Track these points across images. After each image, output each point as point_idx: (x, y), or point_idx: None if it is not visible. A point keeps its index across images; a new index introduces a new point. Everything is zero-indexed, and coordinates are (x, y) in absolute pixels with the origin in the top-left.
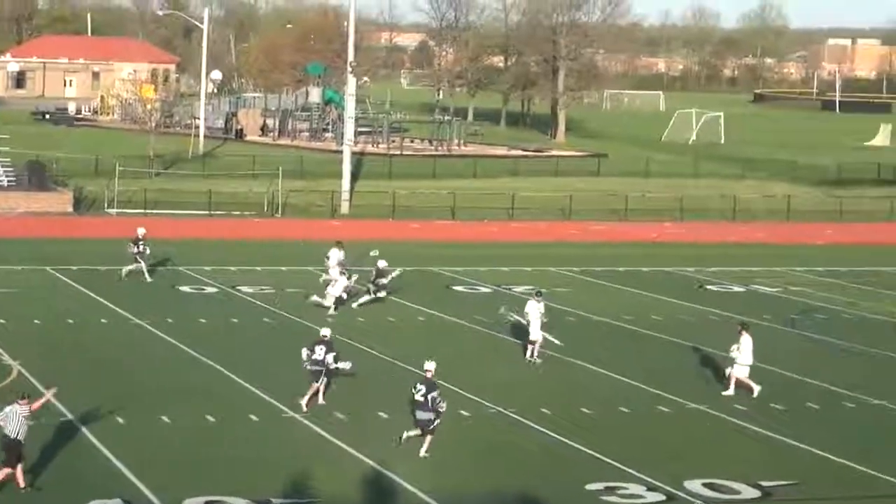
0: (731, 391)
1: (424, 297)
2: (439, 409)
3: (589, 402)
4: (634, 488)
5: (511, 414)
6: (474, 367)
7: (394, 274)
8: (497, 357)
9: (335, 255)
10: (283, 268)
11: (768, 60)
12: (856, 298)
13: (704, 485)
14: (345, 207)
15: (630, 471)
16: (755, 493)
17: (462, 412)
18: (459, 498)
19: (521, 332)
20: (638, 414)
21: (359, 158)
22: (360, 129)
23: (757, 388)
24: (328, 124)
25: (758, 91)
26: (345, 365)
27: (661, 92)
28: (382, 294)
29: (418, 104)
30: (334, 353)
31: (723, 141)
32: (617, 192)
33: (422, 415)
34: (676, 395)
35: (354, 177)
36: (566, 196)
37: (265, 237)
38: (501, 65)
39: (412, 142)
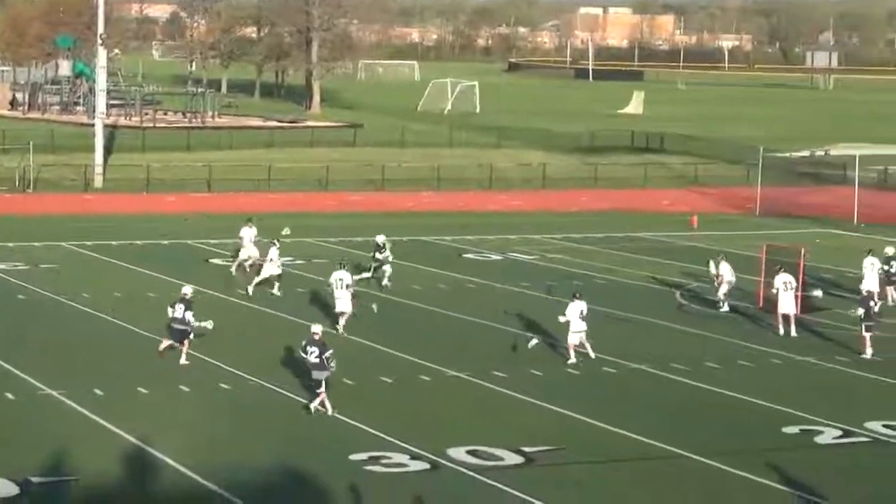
0: (579, 356)
1: (182, 270)
2: (332, 368)
3: (351, 373)
4: (398, 457)
5: (274, 387)
6: (237, 341)
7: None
8: (261, 331)
9: (247, 232)
10: (37, 243)
11: (522, 30)
12: (612, 264)
13: (468, 452)
14: (98, 181)
15: (393, 440)
16: (518, 459)
17: (223, 385)
18: (223, 471)
19: (280, 304)
20: (400, 383)
21: (111, 132)
22: (111, 102)
23: (593, 354)
24: (79, 97)
25: (512, 60)
26: (206, 324)
27: (415, 62)
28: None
29: (171, 76)
30: (193, 312)
31: (478, 110)
32: (373, 163)
33: (318, 374)
34: (437, 364)
35: (107, 150)
36: (323, 167)
37: (17, 212)
38: (255, 36)
39: (165, 114)
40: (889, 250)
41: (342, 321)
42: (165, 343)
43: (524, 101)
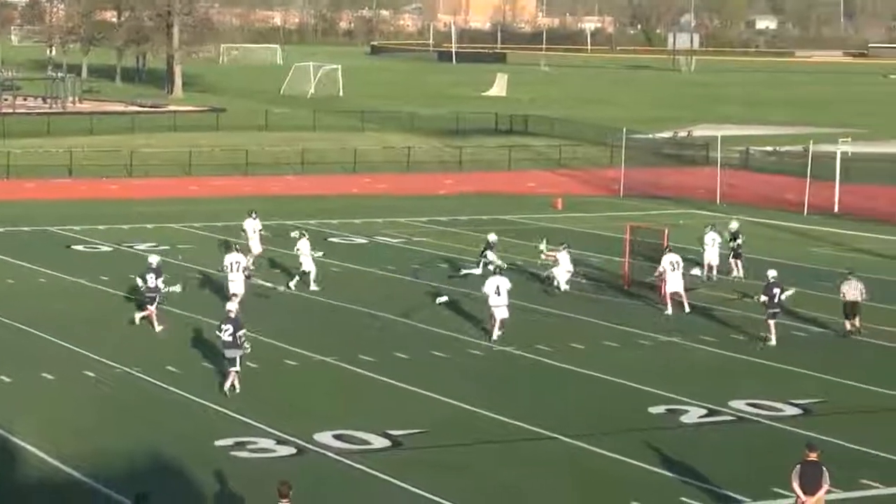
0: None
1: (43, 257)
2: (245, 348)
3: (213, 359)
4: (264, 442)
5: (136, 373)
6: (97, 328)
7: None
8: (121, 317)
9: (251, 224)
10: None
11: (384, 13)
12: (477, 247)
13: (335, 436)
14: None
15: (259, 425)
16: (385, 443)
17: (87, 373)
18: (88, 459)
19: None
20: (266, 369)
21: None
22: None
23: (497, 334)
24: None
25: (375, 43)
26: (175, 288)
27: (278, 46)
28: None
29: (30, 61)
30: (162, 278)
31: (342, 94)
32: (237, 147)
33: (231, 353)
34: (303, 349)
35: None
36: (186, 152)
37: None
38: (115, 20)
39: (25, 100)
40: (733, 225)
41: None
42: (139, 314)
43: (388, 84)
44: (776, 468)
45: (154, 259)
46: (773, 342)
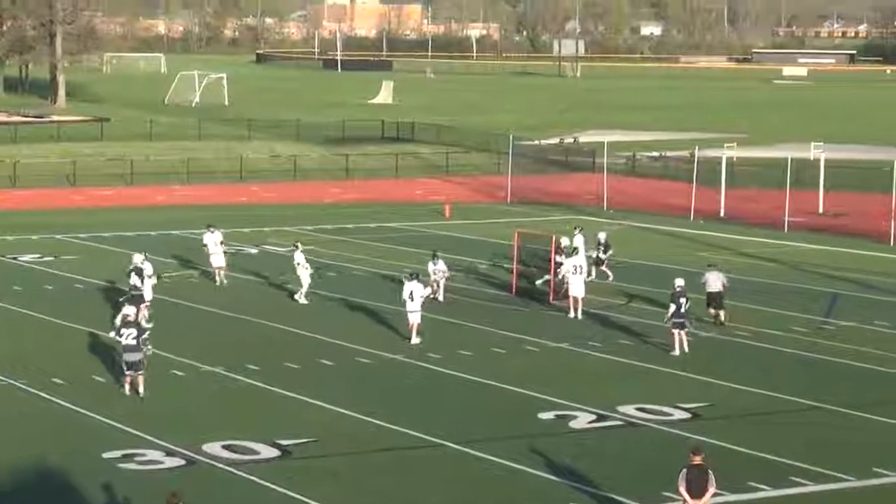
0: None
1: None
2: (147, 350)
3: (101, 370)
4: (153, 454)
5: (21, 385)
6: None
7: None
8: (9, 328)
9: (210, 238)
10: None
11: (269, 21)
12: (365, 254)
13: (224, 447)
14: None
15: (147, 437)
16: (274, 453)
17: None
18: None
19: (31, 302)
20: (153, 379)
21: None
22: None
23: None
24: None
25: (260, 52)
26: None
27: (162, 54)
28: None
29: None
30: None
31: (227, 102)
32: (121, 157)
33: (132, 356)
34: (191, 359)
35: None
36: (70, 162)
37: None
38: None
39: None
40: (601, 236)
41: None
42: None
43: (273, 92)
44: (665, 472)
45: (138, 258)
46: (676, 353)
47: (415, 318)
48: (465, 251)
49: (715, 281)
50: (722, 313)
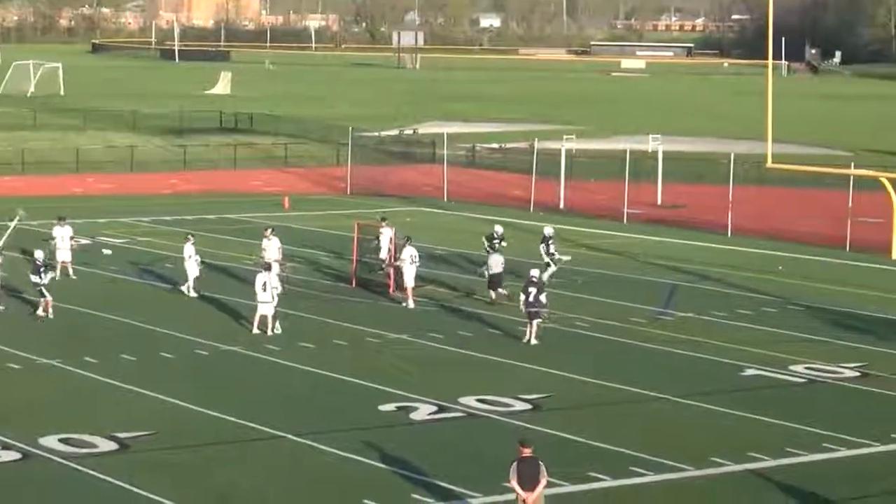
0: (256, 331)
1: None
2: None
3: None
4: None
5: None
6: None
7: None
8: None
9: (60, 232)
10: None
11: (105, 10)
12: (203, 246)
13: (61, 440)
14: None
15: None
16: (113, 446)
17: None
18: None
19: None
20: None
21: None
22: None
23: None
24: None
25: (95, 41)
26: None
27: None
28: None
29: None
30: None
31: (63, 92)
32: None
33: None
34: (27, 352)
35: None
36: None
37: None
38: None
39: None
40: (548, 230)
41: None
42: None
43: (110, 82)
44: (506, 464)
45: (39, 254)
46: (527, 340)
47: (266, 310)
48: (305, 243)
49: (496, 263)
50: (503, 291)
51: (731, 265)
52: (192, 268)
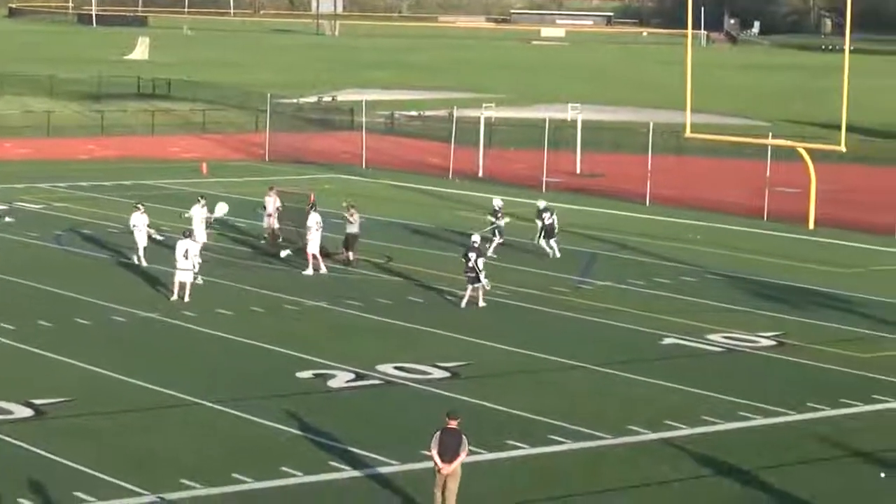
0: (175, 298)
1: None
2: None
3: None
4: None
5: None
6: None
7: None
8: None
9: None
10: None
11: None
12: (121, 212)
13: None
14: None
15: None
16: (28, 412)
17: None
18: None
19: None
20: None
21: None
22: None
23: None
24: None
25: (12, 6)
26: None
27: None
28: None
29: None
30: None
31: None
32: None
33: None
34: None
35: None
36: None
37: None
38: None
39: None
40: (541, 203)
41: None
42: None
43: (27, 47)
44: (424, 432)
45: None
46: (462, 306)
47: (185, 277)
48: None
49: (354, 225)
50: (352, 254)
51: (650, 234)
52: (142, 237)
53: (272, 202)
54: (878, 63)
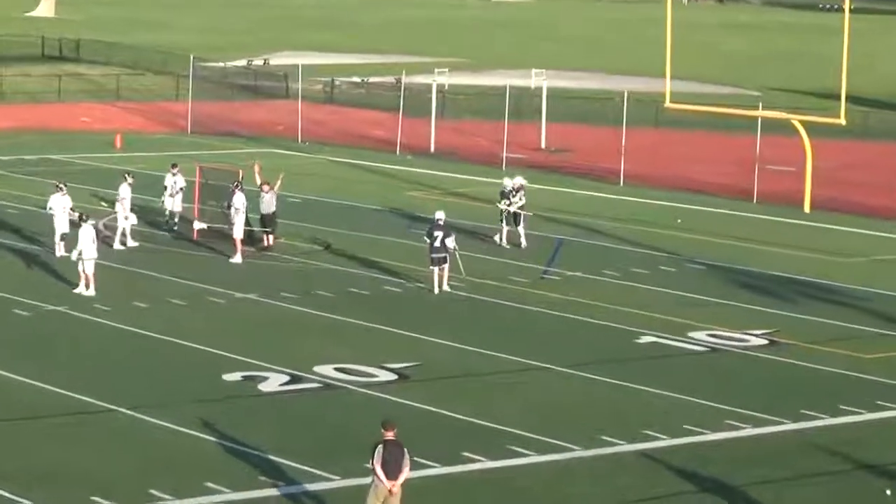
0: (81, 289)
1: None
2: None
3: None
4: None
5: None
6: None
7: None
8: None
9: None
10: None
11: None
12: (23, 191)
13: None
14: None
15: None
16: None
17: None
18: None
19: None
20: None
21: None
22: None
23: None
24: None
25: None
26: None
27: None
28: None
29: None
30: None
31: None
32: None
33: None
34: None
35: None
36: None
37: None
38: None
39: None
40: (510, 182)
41: None
42: None
43: None
44: (367, 443)
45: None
46: (436, 291)
47: (89, 267)
48: (139, 189)
49: (269, 203)
50: (272, 237)
51: (624, 218)
52: (61, 222)
53: (173, 181)
54: (883, 23)
